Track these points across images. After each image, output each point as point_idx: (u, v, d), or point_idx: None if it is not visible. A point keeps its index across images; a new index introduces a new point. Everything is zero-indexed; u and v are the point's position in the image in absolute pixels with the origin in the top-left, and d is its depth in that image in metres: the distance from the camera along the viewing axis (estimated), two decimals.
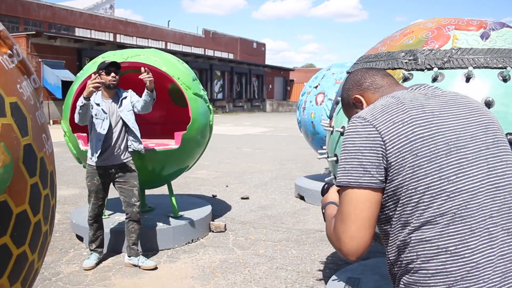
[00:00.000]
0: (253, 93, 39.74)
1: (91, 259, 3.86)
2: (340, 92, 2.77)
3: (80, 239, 4.52)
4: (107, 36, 32.43)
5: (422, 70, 2.25)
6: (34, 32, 21.06)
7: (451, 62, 2.19)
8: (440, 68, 2.20)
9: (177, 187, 6.70)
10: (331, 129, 2.62)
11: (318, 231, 4.94)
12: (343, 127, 2.47)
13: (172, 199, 4.75)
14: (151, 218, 4.60)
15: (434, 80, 2.20)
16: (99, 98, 3.81)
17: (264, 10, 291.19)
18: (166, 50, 26.11)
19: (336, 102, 2.70)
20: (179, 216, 4.67)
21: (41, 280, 3.58)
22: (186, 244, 4.44)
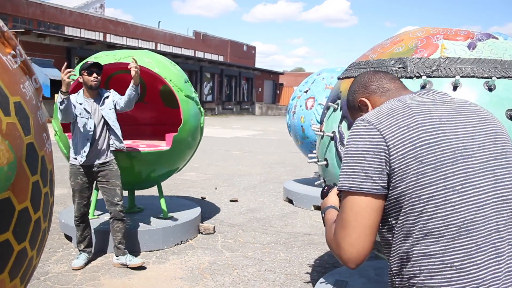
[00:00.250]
0: (242, 96, 39.80)
1: (80, 259, 3.86)
2: (331, 94, 2.83)
3: (68, 238, 4.51)
4: (97, 36, 32.23)
5: (411, 77, 2.31)
6: (23, 30, 20.88)
7: (439, 71, 2.26)
8: (428, 76, 2.27)
9: (166, 189, 6.71)
10: (322, 133, 2.68)
11: (306, 234, 4.99)
12: (333, 132, 2.53)
13: (162, 200, 4.77)
14: (141, 219, 4.61)
15: (423, 88, 2.27)
16: (82, 98, 3.82)
17: (255, 13, 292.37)
18: (156, 51, 26.01)
19: (327, 107, 2.76)
20: (168, 217, 4.70)
21: None
22: (175, 245, 4.46)
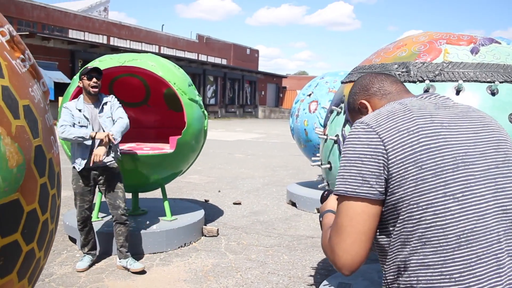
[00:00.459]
0: (245, 99, 39.86)
1: (84, 261, 3.88)
2: (334, 98, 2.84)
3: (73, 240, 4.53)
4: (100, 39, 32.35)
5: (414, 82, 2.33)
6: (28, 33, 20.98)
7: (442, 75, 2.28)
8: (431, 80, 2.28)
9: (169, 191, 6.72)
10: (325, 137, 2.70)
11: (310, 237, 5.00)
12: (337, 135, 2.54)
13: (165, 203, 4.79)
14: (144, 222, 4.63)
15: (426, 92, 2.28)
16: (81, 104, 3.85)
17: (258, 17, 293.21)
18: (160, 54, 26.06)
19: (330, 111, 2.77)
20: (172, 220, 4.71)
21: None
22: (179, 247, 4.48)
